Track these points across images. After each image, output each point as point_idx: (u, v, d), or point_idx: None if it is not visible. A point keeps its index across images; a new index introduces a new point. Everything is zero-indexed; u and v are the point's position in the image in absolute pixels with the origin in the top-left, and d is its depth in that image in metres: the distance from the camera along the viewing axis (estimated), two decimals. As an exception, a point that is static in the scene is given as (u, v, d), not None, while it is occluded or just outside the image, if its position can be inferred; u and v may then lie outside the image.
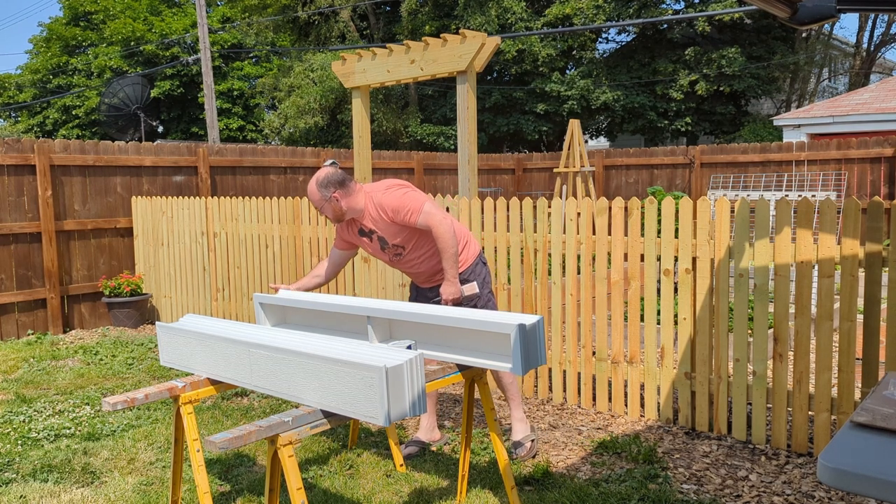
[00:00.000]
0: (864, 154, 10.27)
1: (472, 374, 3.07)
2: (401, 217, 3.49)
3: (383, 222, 3.56)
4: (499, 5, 17.54)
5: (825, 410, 3.68)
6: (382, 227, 3.58)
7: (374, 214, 3.56)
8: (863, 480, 1.57)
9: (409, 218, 3.49)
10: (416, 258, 3.66)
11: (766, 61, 18.00)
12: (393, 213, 3.50)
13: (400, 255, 3.66)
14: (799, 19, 2.95)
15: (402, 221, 3.50)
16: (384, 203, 3.52)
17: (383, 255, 3.72)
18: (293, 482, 2.42)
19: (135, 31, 25.14)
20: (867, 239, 3.54)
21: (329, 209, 3.55)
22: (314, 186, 3.55)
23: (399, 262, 3.72)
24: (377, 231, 3.61)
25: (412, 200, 3.50)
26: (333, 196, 3.51)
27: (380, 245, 3.66)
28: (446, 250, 3.50)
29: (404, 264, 3.72)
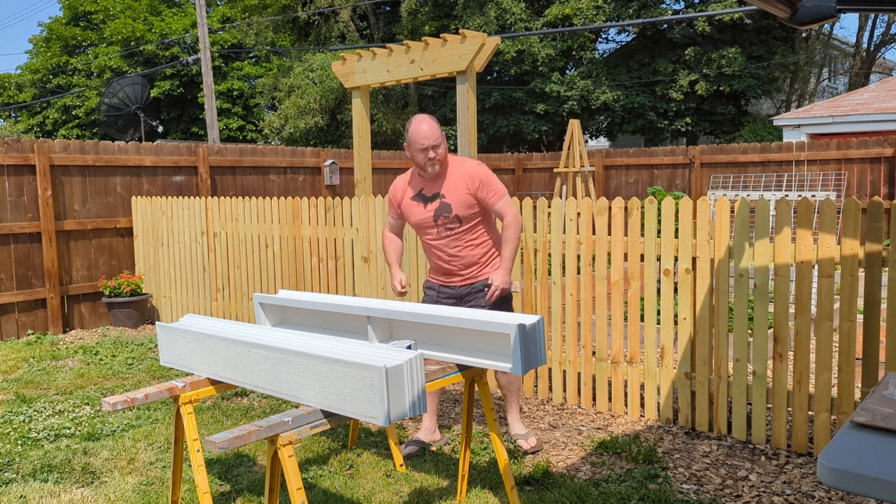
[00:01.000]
0: (864, 154, 10.27)
1: (472, 374, 3.07)
2: (484, 192, 3.51)
3: (461, 190, 3.53)
4: (498, 6, 17.54)
5: (825, 410, 3.68)
6: (456, 193, 3.54)
7: (454, 179, 3.55)
8: (863, 480, 1.57)
9: (490, 196, 3.53)
10: (464, 240, 3.61)
11: (766, 61, 18.00)
12: (479, 185, 3.51)
13: (452, 230, 3.58)
14: (799, 19, 2.95)
15: (482, 196, 3.52)
16: (474, 172, 3.54)
17: (430, 227, 3.62)
18: (293, 482, 2.42)
19: (135, 31, 25.14)
20: (867, 239, 3.54)
21: (445, 146, 3.55)
22: (433, 122, 3.52)
23: (443, 238, 3.61)
24: (445, 197, 3.56)
25: (499, 183, 3.58)
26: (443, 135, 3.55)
27: (436, 213, 3.58)
28: (513, 240, 3.55)
29: (447, 242, 3.61)
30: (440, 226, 3.59)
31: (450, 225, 3.58)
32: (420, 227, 3.68)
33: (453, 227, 3.58)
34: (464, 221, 3.57)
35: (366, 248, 5.53)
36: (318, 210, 5.89)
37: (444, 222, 3.58)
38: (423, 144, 3.49)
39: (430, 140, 3.48)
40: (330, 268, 5.88)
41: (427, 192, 3.60)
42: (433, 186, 3.59)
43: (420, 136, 3.50)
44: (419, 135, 3.50)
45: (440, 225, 3.59)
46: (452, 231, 3.59)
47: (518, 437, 3.96)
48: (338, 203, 5.73)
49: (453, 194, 3.54)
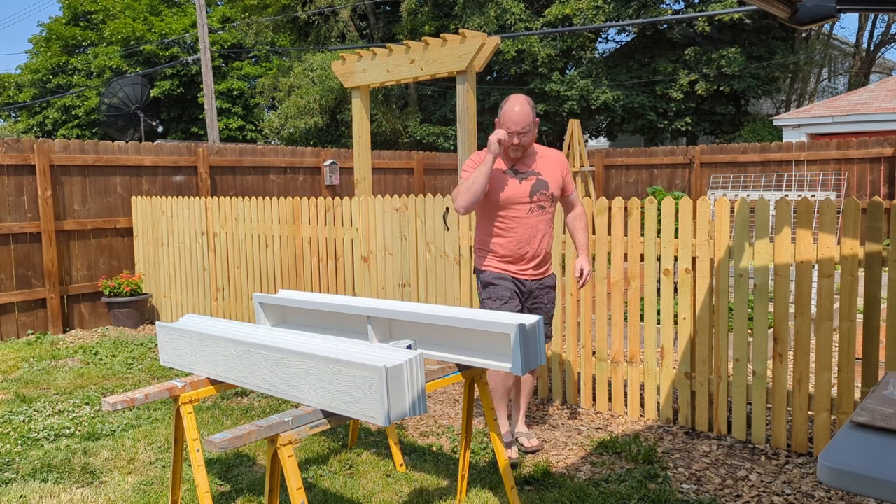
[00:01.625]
0: (863, 154, 10.27)
1: (472, 374, 3.07)
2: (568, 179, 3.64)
3: (556, 172, 3.58)
4: (498, 6, 17.54)
5: (825, 410, 3.68)
6: (553, 174, 3.57)
7: (547, 160, 3.57)
8: (863, 480, 1.58)
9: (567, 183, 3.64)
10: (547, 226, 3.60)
11: (766, 61, 18.00)
12: (567, 171, 3.62)
13: (544, 209, 3.56)
14: (799, 19, 2.95)
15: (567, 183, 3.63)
16: (563, 158, 3.64)
17: (522, 202, 3.53)
18: (293, 482, 2.42)
19: (135, 31, 25.13)
20: (867, 239, 3.54)
21: (533, 132, 3.45)
22: (526, 107, 3.41)
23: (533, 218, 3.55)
24: (541, 174, 3.55)
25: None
26: (536, 120, 3.45)
27: (533, 188, 3.52)
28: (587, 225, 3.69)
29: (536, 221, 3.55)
30: (534, 203, 3.53)
31: (543, 203, 3.55)
32: (508, 202, 3.52)
33: (545, 206, 3.56)
34: (553, 203, 3.60)
35: (366, 248, 5.53)
36: (318, 210, 5.89)
37: (539, 199, 3.53)
38: (510, 129, 3.41)
39: (519, 126, 3.39)
40: (330, 268, 5.88)
41: (520, 167, 3.53)
42: (526, 164, 3.55)
43: (509, 120, 3.41)
44: (509, 118, 3.41)
45: (535, 202, 3.53)
46: (544, 210, 3.56)
47: (521, 434, 3.97)
48: (338, 203, 5.73)
49: (550, 174, 3.55)
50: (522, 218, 3.53)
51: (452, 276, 4.98)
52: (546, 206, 3.57)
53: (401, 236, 5.25)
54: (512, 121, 3.40)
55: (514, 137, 3.41)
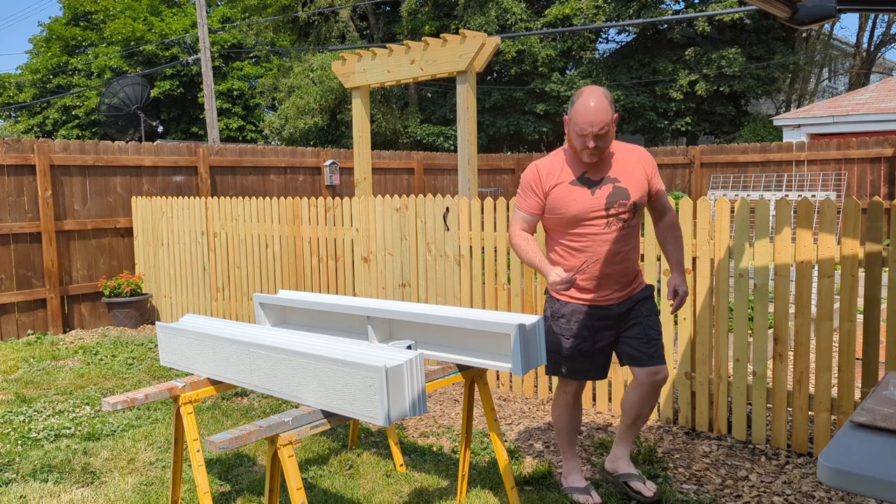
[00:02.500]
0: (864, 154, 10.27)
1: (472, 374, 3.07)
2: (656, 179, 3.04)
3: (639, 173, 2.97)
4: (498, 6, 17.54)
5: (825, 410, 3.68)
6: (635, 177, 2.97)
7: (627, 160, 2.97)
8: (863, 480, 1.57)
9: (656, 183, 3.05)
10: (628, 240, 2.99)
11: (766, 61, 18.00)
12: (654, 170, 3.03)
13: (625, 221, 2.96)
14: (799, 19, 2.95)
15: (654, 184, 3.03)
16: (647, 154, 3.04)
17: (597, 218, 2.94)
18: (293, 482, 2.42)
19: (135, 32, 25.14)
20: (867, 239, 3.54)
21: (612, 133, 2.86)
22: (606, 101, 2.81)
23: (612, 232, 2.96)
24: (619, 181, 2.94)
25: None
26: (616, 117, 2.88)
27: (609, 199, 2.93)
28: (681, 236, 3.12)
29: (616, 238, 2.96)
30: (612, 216, 2.94)
31: (623, 215, 2.94)
32: (578, 219, 2.95)
33: (626, 218, 2.95)
34: (636, 213, 2.99)
35: (366, 248, 5.53)
36: (318, 210, 5.89)
37: (618, 211, 2.94)
38: (584, 130, 2.81)
39: (596, 127, 2.78)
40: (330, 268, 5.88)
41: (593, 174, 2.94)
42: (599, 169, 2.95)
43: (583, 120, 2.79)
44: (582, 117, 2.79)
45: (612, 215, 2.94)
46: (625, 223, 2.96)
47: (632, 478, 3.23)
48: (338, 203, 5.73)
49: (630, 178, 2.95)
50: (598, 235, 2.95)
51: (452, 277, 4.98)
52: (627, 219, 2.96)
53: (401, 236, 5.25)
54: (587, 120, 2.78)
55: (588, 140, 2.81)
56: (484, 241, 4.86)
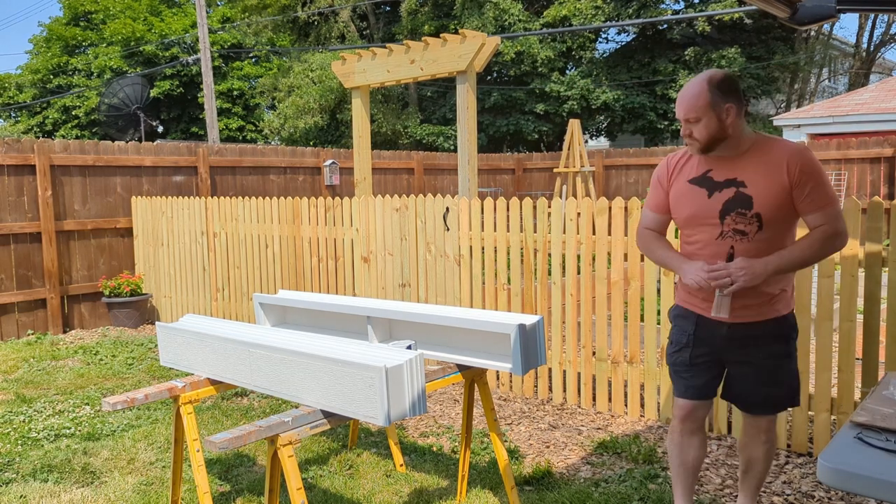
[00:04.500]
0: (863, 154, 10.27)
1: (472, 374, 3.07)
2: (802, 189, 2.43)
3: (774, 179, 2.44)
4: (496, 7, 17.54)
5: (825, 410, 3.68)
6: (766, 184, 2.46)
7: (765, 162, 2.47)
8: (863, 480, 1.58)
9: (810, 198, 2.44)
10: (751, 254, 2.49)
11: (766, 61, 18.00)
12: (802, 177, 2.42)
13: (745, 234, 2.49)
14: (799, 19, 2.95)
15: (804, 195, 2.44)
16: (804, 156, 2.44)
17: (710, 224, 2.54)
18: (293, 482, 2.42)
19: (135, 32, 25.15)
20: (867, 239, 3.54)
21: (709, 124, 2.46)
22: (704, 84, 2.46)
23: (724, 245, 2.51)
24: (746, 186, 2.48)
25: (829, 185, 2.47)
26: (727, 107, 2.46)
27: (726, 205, 2.50)
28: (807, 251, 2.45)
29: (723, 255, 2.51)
30: (727, 226, 2.51)
31: (742, 227, 2.49)
32: (692, 222, 2.58)
33: (747, 231, 2.49)
34: (766, 227, 2.47)
35: (366, 248, 5.53)
36: (318, 210, 5.89)
37: (734, 221, 2.49)
38: (679, 115, 2.54)
39: (683, 112, 2.50)
40: (330, 268, 5.88)
41: (717, 174, 2.54)
42: (728, 168, 2.52)
43: (677, 103, 2.54)
44: (678, 101, 2.54)
45: (727, 225, 2.51)
46: (745, 238, 2.49)
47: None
48: (338, 203, 5.73)
49: (760, 184, 2.46)
50: (710, 244, 2.54)
51: (452, 276, 4.98)
52: (748, 232, 2.48)
53: (401, 236, 5.25)
54: (678, 104, 2.53)
55: (683, 128, 2.53)
56: (484, 241, 4.86)
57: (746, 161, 2.51)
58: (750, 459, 2.79)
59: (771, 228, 2.48)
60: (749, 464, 2.80)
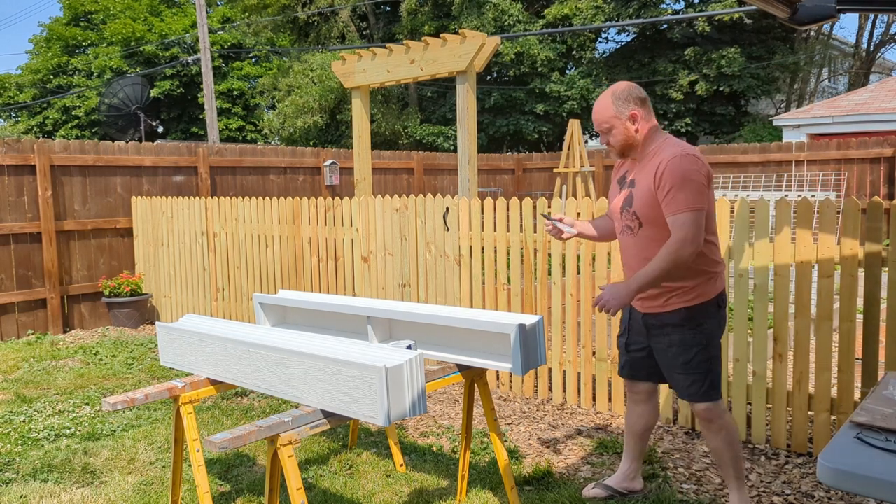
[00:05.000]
0: (863, 154, 10.27)
1: (472, 374, 3.07)
2: (661, 192, 2.67)
3: (647, 183, 2.73)
4: (495, 7, 17.53)
5: (825, 410, 3.68)
6: (643, 186, 2.75)
7: (648, 167, 2.75)
8: (863, 480, 1.58)
9: (665, 202, 2.66)
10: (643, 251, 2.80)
11: (766, 61, 18.00)
12: (660, 181, 2.67)
13: (631, 230, 2.83)
14: (799, 19, 2.95)
15: (659, 190, 2.69)
16: (670, 162, 2.65)
17: (617, 218, 2.92)
18: (293, 482, 2.42)
19: (135, 32, 25.15)
20: (867, 239, 3.54)
21: (619, 131, 2.76)
22: (608, 97, 2.75)
23: (624, 240, 2.88)
24: (636, 186, 2.79)
25: (692, 191, 2.62)
26: (632, 114, 2.73)
27: (623, 203, 2.85)
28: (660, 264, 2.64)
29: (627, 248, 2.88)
30: (623, 221, 2.86)
31: (630, 223, 2.83)
32: (612, 215, 2.96)
33: (633, 227, 2.81)
34: (645, 225, 2.77)
35: (366, 248, 5.53)
36: (318, 210, 5.89)
37: (625, 217, 2.84)
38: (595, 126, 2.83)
39: (596, 124, 2.81)
40: (330, 268, 5.88)
41: (629, 175, 2.87)
42: (636, 170, 2.83)
43: (592, 116, 2.82)
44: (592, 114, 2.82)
45: (623, 220, 2.86)
46: (632, 232, 2.83)
47: None
48: (338, 203, 5.73)
49: (641, 186, 2.76)
50: (621, 234, 2.91)
51: (452, 276, 4.98)
52: (633, 228, 2.81)
53: (401, 236, 5.26)
54: (593, 117, 2.81)
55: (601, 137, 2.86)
56: (484, 241, 4.86)
57: (643, 164, 2.80)
58: (710, 449, 3.00)
59: (650, 226, 2.76)
60: (712, 453, 2.99)
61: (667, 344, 2.86)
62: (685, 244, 2.62)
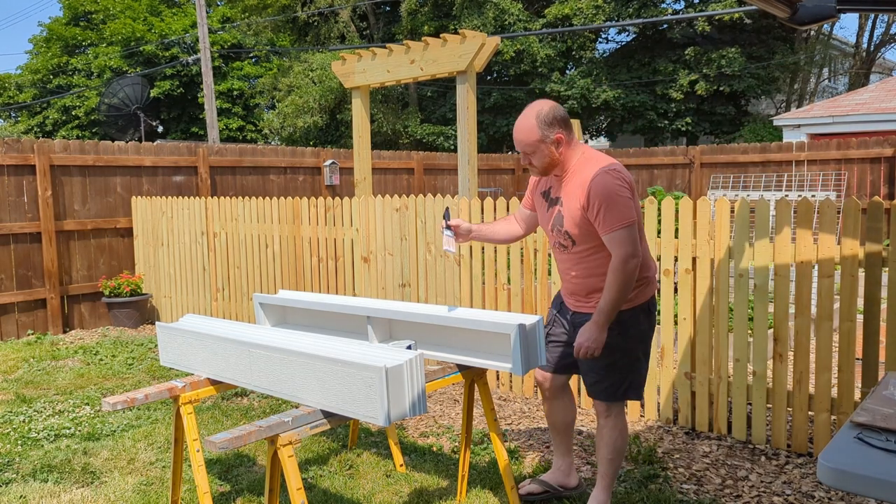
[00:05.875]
0: (863, 154, 10.27)
1: (472, 374, 3.07)
2: (591, 213, 2.70)
3: (576, 203, 2.75)
4: (496, 7, 17.53)
5: (825, 410, 3.68)
6: (571, 207, 2.77)
7: (574, 186, 2.76)
8: (863, 480, 1.58)
9: (598, 222, 2.70)
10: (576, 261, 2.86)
11: (766, 61, 18.00)
12: (588, 202, 2.69)
13: (565, 248, 2.87)
14: (799, 19, 2.95)
15: (589, 211, 2.70)
16: (594, 181, 2.68)
17: (550, 233, 2.94)
18: (293, 482, 2.42)
19: (135, 32, 25.14)
20: (867, 239, 3.54)
21: (543, 154, 2.76)
22: (533, 121, 2.73)
23: (558, 254, 2.94)
24: (563, 205, 2.81)
25: (622, 206, 2.66)
26: (557, 137, 2.74)
27: (553, 221, 2.88)
28: (614, 289, 2.68)
29: (562, 261, 2.94)
30: (554, 237, 2.91)
31: (562, 241, 2.87)
32: (543, 227, 3.01)
33: (566, 244, 2.86)
34: (578, 242, 2.81)
35: (366, 248, 5.53)
36: (318, 210, 5.89)
37: (557, 234, 2.88)
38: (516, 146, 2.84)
39: (518, 146, 2.82)
40: (330, 268, 5.88)
41: (553, 192, 2.89)
42: (558, 187, 2.85)
43: (514, 136, 2.84)
44: (514, 134, 2.84)
45: (554, 237, 2.91)
46: (566, 249, 2.87)
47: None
48: (338, 203, 5.73)
49: (568, 206, 2.78)
50: (554, 249, 2.96)
51: (452, 277, 4.98)
52: (567, 245, 2.85)
53: (401, 236, 5.25)
54: (514, 138, 2.83)
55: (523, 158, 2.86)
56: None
57: (566, 182, 2.81)
58: (596, 443, 3.05)
59: (582, 243, 2.80)
60: (603, 447, 2.99)
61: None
62: (628, 260, 2.68)
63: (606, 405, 2.96)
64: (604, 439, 2.99)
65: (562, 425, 3.23)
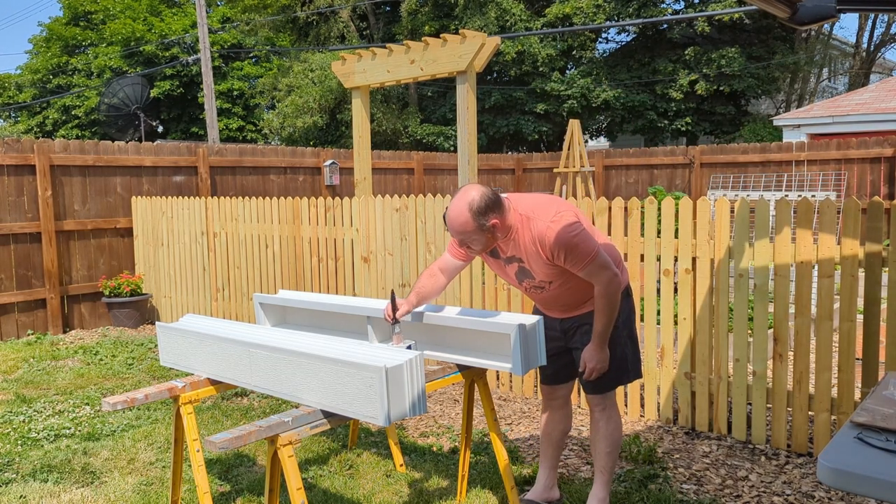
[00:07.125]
0: (863, 154, 10.27)
1: (472, 374, 3.07)
2: (559, 261, 2.75)
3: (539, 259, 2.80)
4: (498, 7, 17.53)
5: (825, 410, 3.68)
6: (533, 260, 2.83)
7: (527, 243, 2.80)
8: (863, 480, 1.58)
9: (569, 266, 2.75)
10: (559, 293, 2.94)
11: (766, 61, 18.00)
12: (552, 255, 2.75)
13: (543, 289, 2.93)
14: (799, 19, 2.95)
15: (568, 266, 2.77)
16: (547, 237, 2.73)
17: (514, 282, 3.01)
18: (293, 482, 2.42)
19: (134, 32, 25.14)
20: (867, 239, 3.54)
21: (482, 241, 2.78)
22: (466, 213, 2.71)
23: (535, 294, 3.01)
24: (523, 262, 2.87)
25: (584, 245, 2.71)
26: (492, 224, 2.74)
27: (518, 276, 2.95)
28: (605, 313, 2.80)
29: (540, 296, 3.01)
30: (525, 286, 2.98)
31: (536, 285, 2.94)
32: (502, 277, 3.07)
33: (543, 286, 2.93)
34: (555, 280, 2.88)
35: (366, 248, 5.53)
36: (318, 210, 5.89)
37: (529, 284, 2.95)
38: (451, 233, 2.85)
39: (455, 235, 2.82)
40: (330, 268, 5.88)
41: (503, 252, 2.91)
42: (505, 248, 2.89)
43: (448, 223, 2.81)
44: (448, 221, 2.80)
45: (525, 286, 2.98)
46: (544, 290, 2.95)
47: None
48: (338, 203, 5.73)
49: (531, 262, 2.84)
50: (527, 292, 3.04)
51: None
52: (544, 287, 2.93)
53: (401, 236, 5.25)
54: (449, 225, 2.81)
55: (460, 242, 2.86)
56: (484, 241, 4.85)
57: (515, 243, 2.84)
58: (591, 439, 3.12)
59: (558, 280, 2.87)
60: (601, 441, 3.07)
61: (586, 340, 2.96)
62: (610, 284, 2.79)
63: (601, 397, 3.04)
64: (600, 432, 3.06)
65: (558, 435, 3.26)
